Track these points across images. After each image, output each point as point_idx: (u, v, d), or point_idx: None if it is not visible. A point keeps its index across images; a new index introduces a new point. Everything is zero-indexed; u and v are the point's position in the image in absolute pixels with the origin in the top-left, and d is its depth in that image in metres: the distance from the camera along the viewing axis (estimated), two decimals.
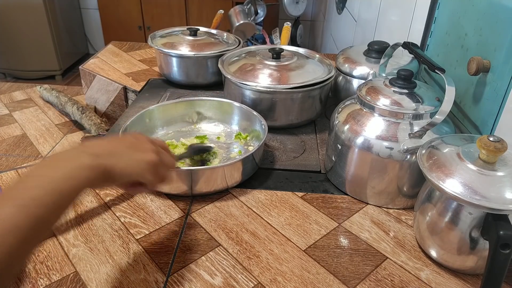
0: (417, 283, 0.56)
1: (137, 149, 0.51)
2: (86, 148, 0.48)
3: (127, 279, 0.55)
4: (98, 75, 1.20)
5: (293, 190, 0.75)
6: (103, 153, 0.47)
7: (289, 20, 1.73)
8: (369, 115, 0.68)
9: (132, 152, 0.50)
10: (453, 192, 0.51)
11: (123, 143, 0.51)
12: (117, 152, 0.48)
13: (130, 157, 0.49)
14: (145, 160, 0.50)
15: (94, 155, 0.45)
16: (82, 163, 0.43)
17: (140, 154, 0.51)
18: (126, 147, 0.50)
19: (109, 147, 0.49)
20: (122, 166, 0.48)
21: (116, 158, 0.47)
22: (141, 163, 0.50)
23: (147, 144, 0.53)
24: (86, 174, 0.43)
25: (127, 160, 0.49)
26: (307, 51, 1.06)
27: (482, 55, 0.69)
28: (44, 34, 3.10)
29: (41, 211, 0.38)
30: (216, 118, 0.92)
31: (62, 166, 0.43)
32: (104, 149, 0.47)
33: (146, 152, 0.51)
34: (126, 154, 0.49)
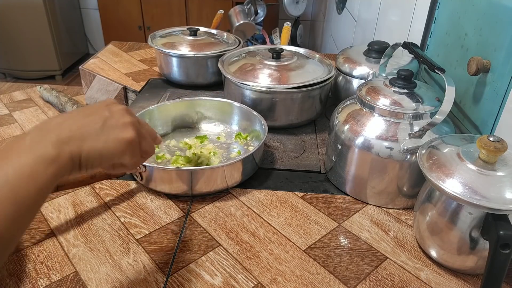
0: (417, 283, 0.56)
1: (113, 125, 0.42)
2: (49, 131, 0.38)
3: (127, 279, 0.55)
4: (98, 75, 1.20)
5: (293, 190, 0.75)
6: (72, 137, 0.38)
7: (289, 20, 1.73)
8: (369, 115, 0.68)
9: (108, 130, 0.41)
10: (453, 192, 0.51)
11: (95, 118, 0.42)
12: (89, 132, 0.40)
13: (106, 137, 0.41)
14: (123, 139, 0.42)
15: (61, 142, 0.37)
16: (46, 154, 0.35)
17: (117, 132, 0.42)
18: (99, 124, 0.41)
19: (79, 126, 0.40)
20: (97, 150, 0.40)
21: (89, 141, 0.39)
22: (120, 144, 0.42)
23: (124, 116, 0.44)
24: (52, 170, 0.35)
25: (102, 142, 0.40)
26: (307, 51, 1.06)
27: (482, 55, 0.69)
28: (44, 34, 3.11)
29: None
30: (216, 118, 0.92)
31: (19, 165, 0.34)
32: (72, 131, 0.39)
33: (124, 128, 0.43)
34: (100, 133, 0.40)
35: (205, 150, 0.82)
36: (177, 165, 0.77)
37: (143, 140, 0.46)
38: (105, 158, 0.41)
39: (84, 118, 0.41)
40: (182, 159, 0.79)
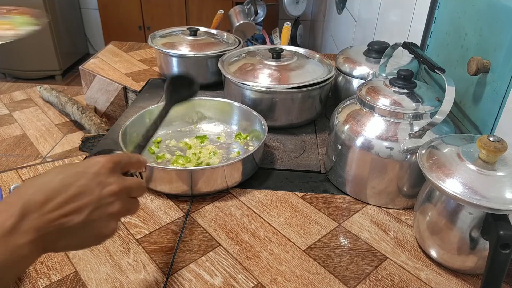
0: (417, 283, 0.56)
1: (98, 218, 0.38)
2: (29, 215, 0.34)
3: (127, 279, 0.55)
4: (98, 75, 1.20)
5: (293, 190, 0.75)
6: (51, 233, 0.35)
7: (289, 20, 1.73)
8: (369, 115, 0.68)
9: (91, 224, 0.37)
10: (453, 192, 0.51)
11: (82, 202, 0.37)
12: (70, 228, 0.36)
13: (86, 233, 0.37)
14: (103, 236, 0.39)
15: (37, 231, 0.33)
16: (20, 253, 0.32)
17: (100, 226, 0.38)
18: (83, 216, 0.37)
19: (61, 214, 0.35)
20: (72, 246, 0.38)
21: (67, 239, 0.36)
22: (97, 239, 0.40)
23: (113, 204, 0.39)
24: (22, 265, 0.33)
25: (80, 239, 0.37)
26: (307, 51, 1.06)
27: (482, 55, 0.69)
28: (44, 34, 3.10)
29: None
30: (216, 118, 0.92)
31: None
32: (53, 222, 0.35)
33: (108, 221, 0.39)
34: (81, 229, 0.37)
35: (205, 150, 0.82)
36: (177, 165, 0.77)
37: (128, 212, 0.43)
38: (78, 249, 0.40)
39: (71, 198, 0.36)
40: (182, 159, 0.79)
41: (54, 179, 0.37)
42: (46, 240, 0.35)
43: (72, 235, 0.36)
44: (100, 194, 0.38)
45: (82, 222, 0.37)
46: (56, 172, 0.38)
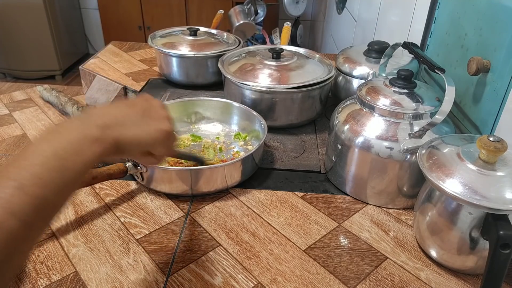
0: (417, 283, 0.56)
1: (152, 116, 0.46)
2: (93, 117, 0.41)
3: (127, 279, 0.55)
4: (98, 75, 1.20)
5: (293, 190, 0.75)
6: (113, 123, 0.41)
7: (289, 20, 1.73)
8: (369, 115, 0.68)
9: (147, 120, 0.45)
10: (453, 192, 0.51)
11: (136, 109, 0.45)
12: (131, 120, 0.43)
13: (145, 126, 0.44)
14: (161, 130, 0.46)
15: (103, 126, 0.40)
16: (89, 135, 0.38)
17: (156, 122, 0.46)
18: (140, 114, 0.45)
19: (119, 115, 0.43)
20: (133, 136, 0.43)
21: (128, 128, 0.42)
22: (157, 133, 0.45)
23: (161, 110, 0.48)
24: (94, 148, 0.38)
25: (139, 129, 0.44)
26: (307, 51, 1.06)
27: (482, 55, 0.69)
28: (44, 34, 3.11)
29: (44, 191, 0.34)
30: (215, 118, 0.92)
31: (65, 139, 0.37)
32: (113, 118, 0.42)
33: (161, 120, 0.47)
34: (138, 122, 0.44)
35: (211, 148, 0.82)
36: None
37: (172, 135, 0.49)
38: (142, 144, 0.45)
39: (126, 109, 0.45)
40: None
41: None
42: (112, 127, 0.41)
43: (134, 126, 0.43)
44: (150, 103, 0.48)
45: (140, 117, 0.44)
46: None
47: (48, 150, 0.36)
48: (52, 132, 0.38)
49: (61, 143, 0.37)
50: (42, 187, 0.34)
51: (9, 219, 0.31)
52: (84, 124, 0.40)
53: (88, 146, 0.38)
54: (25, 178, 0.33)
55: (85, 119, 0.41)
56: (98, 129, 0.39)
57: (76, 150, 0.37)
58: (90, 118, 0.41)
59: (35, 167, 0.34)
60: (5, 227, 0.31)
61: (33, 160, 0.35)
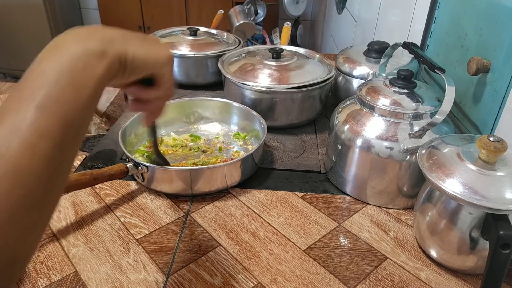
0: (417, 283, 0.56)
1: (154, 41, 0.43)
2: (92, 32, 0.37)
3: (127, 279, 0.55)
4: None
5: (293, 190, 0.75)
6: (117, 38, 0.38)
7: (289, 20, 1.73)
8: (369, 115, 0.68)
9: (150, 43, 0.42)
10: (453, 192, 0.51)
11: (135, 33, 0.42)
12: (133, 38, 0.40)
13: (149, 46, 0.42)
14: (164, 53, 0.43)
15: (107, 40, 0.37)
16: (93, 49, 0.35)
17: (159, 47, 0.43)
18: (139, 36, 0.42)
19: (119, 33, 0.40)
20: (141, 54, 0.40)
21: (134, 45, 0.40)
22: (161, 55, 0.43)
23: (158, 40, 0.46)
24: (103, 63, 0.35)
25: (145, 49, 0.41)
26: (307, 51, 1.06)
27: (482, 55, 0.69)
28: (44, 34, 3.10)
29: (67, 109, 0.32)
30: (215, 118, 0.92)
31: (70, 55, 0.34)
32: (116, 34, 0.39)
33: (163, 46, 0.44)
34: (143, 42, 0.41)
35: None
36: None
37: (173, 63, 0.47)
38: (149, 64, 0.42)
39: (125, 31, 0.41)
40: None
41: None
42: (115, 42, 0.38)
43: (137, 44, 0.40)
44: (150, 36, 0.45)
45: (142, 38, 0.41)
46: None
47: (55, 68, 0.33)
48: (52, 49, 0.35)
49: (65, 59, 0.34)
50: (63, 105, 0.32)
51: (40, 141, 0.30)
52: (85, 37, 0.36)
53: (95, 60, 0.35)
54: (43, 98, 0.31)
55: (83, 33, 0.37)
56: (101, 43, 0.36)
57: (83, 65, 0.34)
58: (90, 32, 0.37)
59: (49, 87, 0.32)
60: (39, 150, 0.30)
61: (44, 80, 0.32)
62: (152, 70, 0.43)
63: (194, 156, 0.81)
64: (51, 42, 0.36)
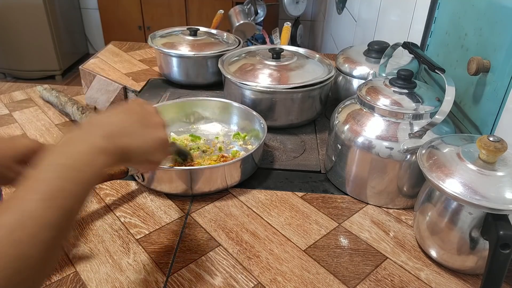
0: (417, 283, 0.56)
1: (148, 124, 0.48)
2: (97, 127, 0.44)
3: (127, 279, 0.55)
4: (98, 75, 1.20)
5: (293, 190, 0.75)
6: (116, 133, 0.44)
7: (289, 20, 1.73)
8: (369, 115, 0.68)
9: (144, 129, 0.48)
10: (453, 192, 0.51)
11: (132, 117, 0.48)
12: (129, 129, 0.46)
13: (143, 135, 0.47)
14: (156, 139, 0.49)
15: (108, 136, 0.43)
16: (97, 146, 0.41)
17: (152, 131, 0.48)
18: (137, 123, 0.47)
19: (120, 123, 0.46)
20: (136, 146, 0.46)
21: (130, 137, 0.45)
22: (155, 142, 0.48)
23: (156, 117, 0.51)
24: (103, 159, 0.41)
25: (140, 139, 0.46)
26: (307, 51, 1.06)
27: (482, 55, 0.69)
28: (44, 34, 3.11)
29: (68, 202, 0.37)
30: (215, 118, 0.92)
31: (77, 153, 0.40)
32: (115, 128, 0.45)
33: (157, 128, 0.49)
34: (138, 131, 0.47)
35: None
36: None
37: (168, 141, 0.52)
38: (144, 153, 0.47)
39: (125, 116, 0.48)
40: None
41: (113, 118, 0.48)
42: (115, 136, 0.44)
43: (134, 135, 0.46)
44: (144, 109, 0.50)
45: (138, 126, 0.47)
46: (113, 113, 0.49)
47: (65, 165, 0.38)
48: (62, 145, 0.41)
49: (73, 155, 0.39)
50: (66, 199, 0.37)
51: (46, 232, 0.34)
52: (90, 135, 0.42)
53: (97, 156, 0.40)
54: (50, 192, 0.36)
55: (89, 129, 0.43)
56: (104, 140, 0.42)
57: (87, 161, 0.40)
58: (94, 128, 0.44)
59: (56, 181, 0.37)
60: (41, 241, 0.34)
61: (52, 174, 0.37)
62: (146, 157, 0.49)
63: (194, 156, 0.81)
64: (64, 138, 0.42)
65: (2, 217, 0.33)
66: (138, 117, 0.48)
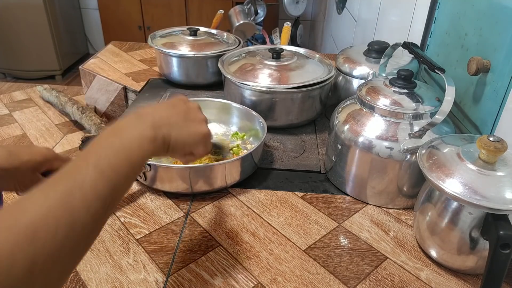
0: (417, 283, 0.56)
1: (192, 119, 0.52)
2: (145, 117, 0.47)
3: (127, 279, 0.55)
4: (98, 75, 1.20)
5: (293, 190, 0.75)
6: (162, 124, 0.47)
7: (289, 20, 1.73)
8: (369, 115, 0.68)
9: (188, 123, 0.51)
10: (453, 192, 0.51)
11: (177, 111, 0.51)
12: (174, 122, 0.49)
13: (187, 128, 0.50)
14: (200, 133, 0.52)
15: (155, 126, 0.45)
16: (147, 134, 0.44)
17: (195, 125, 0.52)
18: (181, 117, 0.50)
19: (166, 116, 0.49)
20: (180, 137, 0.48)
21: (174, 129, 0.48)
22: (198, 136, 0.51)
23: (199, 113, 0.54)
24: (151, 146, 0.44)
25: (184, 132, 0.49)
26: (307, 51, 1.06)
27: (482, 55, 0.69)
28: (44, 34, 3.11)
29: (118, 179, 0.39)
30: (215, 119, 0.92)
31: (129, 136, 0.43)
32: (162, 119, 0.48)
33: (199, 123, 0.52)
34: (182, 125, 0.50)
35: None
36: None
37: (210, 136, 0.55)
38: (187, 145, 0.50)
39: (169, 110, 0.50)
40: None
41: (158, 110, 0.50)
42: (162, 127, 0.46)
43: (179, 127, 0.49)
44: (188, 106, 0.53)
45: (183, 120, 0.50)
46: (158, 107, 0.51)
47: (118, 143, 0.41)
48: (116, 129, 0.44)
49: (127, 138, 0.42)
50: (117, 174, 0.39)
51: (95, 201, 0.36)
52: (140, 123, 0.45)
53: (146, 143, 0.44)
54: (104, 165, 0.38)
55: (139, 118, 0.46)
56: (152, 129, 0.45)
57: (138, 145, 0.43)
58: (144, 118, 0.46)
59: (110, 157, 0.39)
60: (92, 210, 0.35)
61: (107, 150, 0.40)
62: (189, 149, 0.52)
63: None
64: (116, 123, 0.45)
65: (58, 184, 0.35)
66: (183, 112, 0.51)
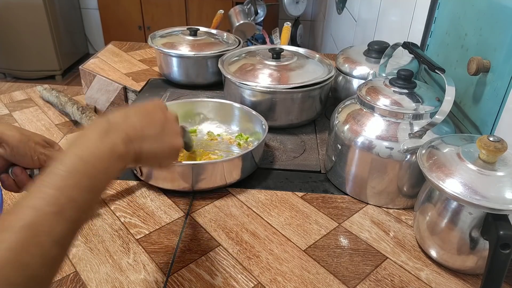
0: (417, 283, 0.56)
1: (167, 132, 0.49)
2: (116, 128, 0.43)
3: (127, 279, 0.55)
4: (98, 75, 1.20)
5: (293, 190, 0.75)
6: (135, 137, 0.44)
7: (289, 20, 1.73)
8: (369, 115, 0.68)
9: (163, 136, 0.48)
10: (453, 192, 0.51)
11: (153, 121, 0.48)
12: (147, 135, 0.46)
13: (161, 142, 0.48)
14: (174, 147, 0.50)
15: (127, 141, 0.42)
16: (117, 152, 0.41)
17: (169, 139, 0.49)
18: (157, 129, 0.48)
19: (140, 127, 0.46)
20: (151, 151, 0.46)
21: (147, 143, 0.46)
22: (170, 150, 0.50)
23: (175, 125, 0.52)
24: (120, 165, 0.41)
25: (156, 145, 0.47)
26: (307, 51, 1.06)
27: (482, 55, 0.69)
28: (44, 34, 3.10)
29: (78, 214, 0.36)
30: (215, 119, 0.92)
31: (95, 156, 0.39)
32: (135, 131, 0.45)
33: (174, 136, 0.50)
34: (157, 138, 0.47)
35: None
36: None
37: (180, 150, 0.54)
38: (157, 158, 0.49)
39: (144, 119, 0.47)
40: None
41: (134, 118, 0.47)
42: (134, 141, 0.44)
43: (152, 140, 0.46)
44: (165, 115, 0.50)
45: (158, 132, 0.48)
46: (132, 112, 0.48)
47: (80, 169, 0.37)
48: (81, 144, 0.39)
49: (90, 159, 0.38)
50: (78, 211, 0.36)
51: (53, 247, 0.33)
52: (112, 137, 0.41)
53: (114, 163, 0.40)
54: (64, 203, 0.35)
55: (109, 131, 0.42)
56: (124, 145, 0.42)
57: (104, 168, 0.39)
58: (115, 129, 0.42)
59: (69, 190, 0.36)
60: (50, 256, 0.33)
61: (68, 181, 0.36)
62: (158, 162, 0.50)
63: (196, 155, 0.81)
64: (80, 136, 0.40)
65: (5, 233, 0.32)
66: (160, 123, 0.49)
